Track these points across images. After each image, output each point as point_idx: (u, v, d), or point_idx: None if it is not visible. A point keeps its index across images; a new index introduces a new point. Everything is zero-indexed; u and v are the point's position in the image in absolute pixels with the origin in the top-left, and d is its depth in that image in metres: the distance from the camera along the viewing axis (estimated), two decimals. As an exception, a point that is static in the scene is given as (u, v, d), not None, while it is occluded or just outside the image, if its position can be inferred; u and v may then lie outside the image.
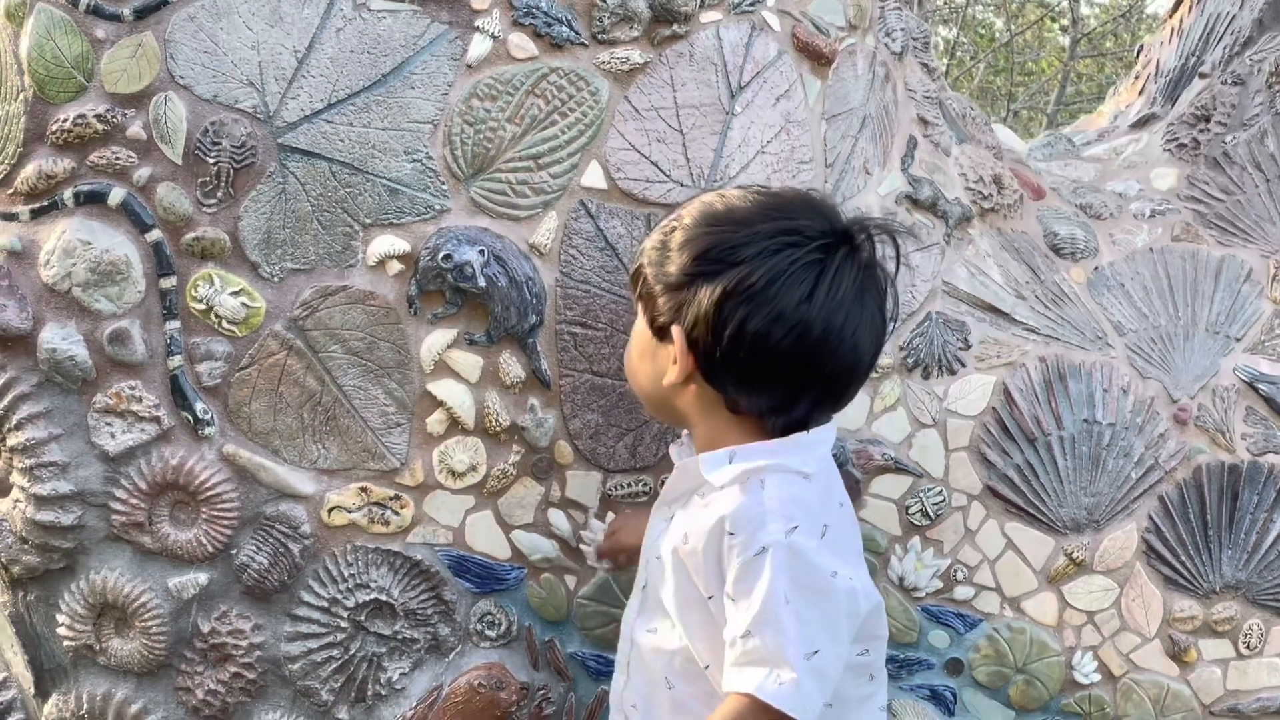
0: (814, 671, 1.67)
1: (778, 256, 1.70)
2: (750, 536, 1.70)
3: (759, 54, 2.15)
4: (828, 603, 1.70)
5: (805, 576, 1.68)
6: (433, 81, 2.06)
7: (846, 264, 1.74)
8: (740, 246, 1.71)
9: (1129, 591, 2.37)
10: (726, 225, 1.75)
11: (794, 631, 1.66)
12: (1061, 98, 11.43)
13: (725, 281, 1.71)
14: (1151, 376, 2.38)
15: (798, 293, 1.70)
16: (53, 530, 2.15)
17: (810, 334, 1.71)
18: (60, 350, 2.09)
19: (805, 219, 1.75)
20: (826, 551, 1.71)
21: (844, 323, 1.72)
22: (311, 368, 2.10)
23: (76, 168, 2.07)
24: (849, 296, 1.73)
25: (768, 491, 1.73)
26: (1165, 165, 2.64)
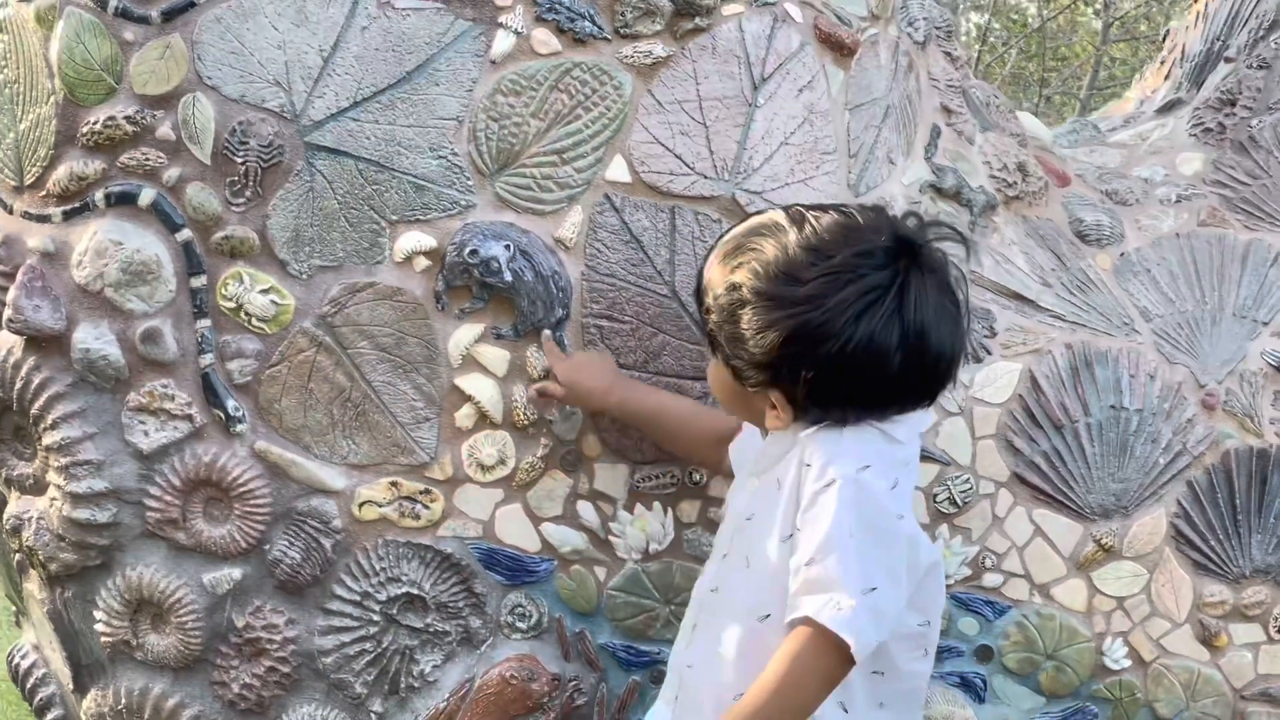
0: (871, 607, 1.67)
1: (863, 320, 1.72)
2: (822, 469, 1.72)
3: (781, 46, 2.16)
4: (891, 542, 1.71)
5: (871, 513, 1.69)
6: (457, 78, 2.08)
7: (920, 287, 1.76)
8: (824, 324, 1.72)
9: (1158, 577, 2.37)
10: (800, 306, 1.74)
11: (855, 563, 1.67)
12: (1094, 82, 11.39)
13: (822, 357, 1.73)
14: (1179, 362, 2.38)
15: (893, 338, 1.73)
16: (89, 528, 2.18)
17: (911, 365, 1.75)
18: (94, 350, 2.12)
19: (868, 269, 1.75)
20: (896, 498, 1.74)
21: (938, 338, 1.77)
22: (341, 364, 2.12)
23: (107, 169, 2.10)
24: (932, 314, 1.76)
25: (845, 434, 1.76)
26: (1191, 150, 2.64)
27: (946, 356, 1.79)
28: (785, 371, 1.76)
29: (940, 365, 1.79)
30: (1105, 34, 11.35)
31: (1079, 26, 12.82)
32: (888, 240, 1.77)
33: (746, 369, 1.80)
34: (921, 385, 1.80)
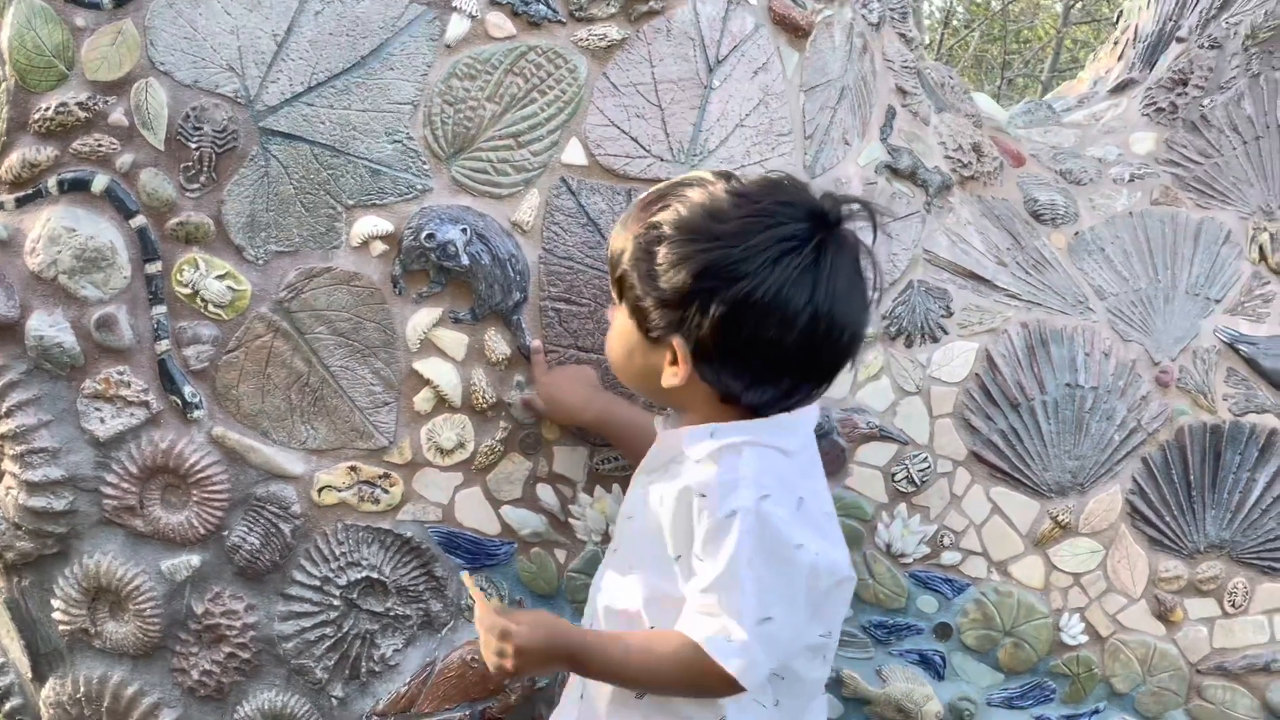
0: (765, 637, 1.70)
1: (779, 266, 1.72)
2: (721, 500, 1.72)
3: (736, 28, 2.16)
4: (790, 572, 1.72)
5: (770, 543, 1.70)
6: (412, 62, 2.07)
7: (836, 254, 1.76)
8: (740, 262, 1.72)
9: (1114, 553, 2.39)
10: (720, 240, 1.75)
11: (751, 594, 1.69)
12: (1056, 65, 11.42)
13: (732, 297, 1.72)
14: (1133, 340, 2.40)
15: (803, 296, 1.73)
16: (45, 516, 2.17)
17: (817, 330, 1.74)
18: (48, 337, 2.11)
19: (790, 219, 1.76)
20: (798, 523, 1.73)
21: (846, 311, 1.77)
22: (298, 349, 2.12)
23: (60, 156, 2.08)
24: (844, 285, 1.77)
25: (744, 460, 1.75)
26: (1144, 130, 2.65)
27: (850, 332, 1.79)
28: (693, 311, 1.75)
29: (844, 339, 1.79)
30: (1065, 16, 11.38)
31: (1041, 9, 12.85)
32: (811, 204, 1.80)
33: (654, 310, 1.79)
34: (821, 358, 1.79)
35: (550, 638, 1.83)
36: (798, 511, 1.74)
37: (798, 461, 1.81)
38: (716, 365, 1.77)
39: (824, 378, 1.83)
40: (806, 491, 1.79)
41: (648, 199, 1.86)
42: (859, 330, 1.81)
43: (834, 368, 1.82)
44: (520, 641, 1.80)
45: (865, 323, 1.83)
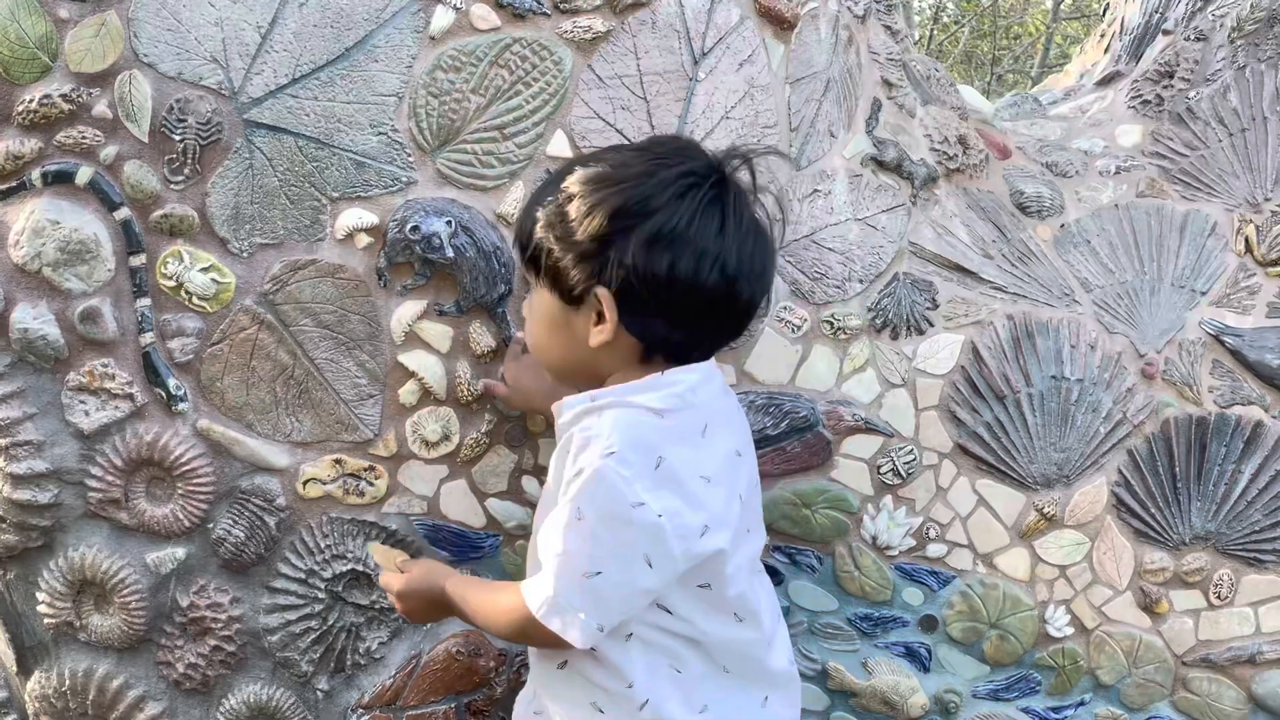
0: (589, 590, 1.75)
1: (686, 199, 1.76)
2: (573, 459, 1.76)
3: (721, 20, 2.16)
4: (625, 530, 1.73)
5: (606, 500, 1.71)
6: (396, 54, 2.07)
7: (737, 194, 1.82)
8: (650, 197, 1.76)
9: (1100, 545, 2.39)
10: (628, 181, 1.78)
11: (576, 549, 1.74)
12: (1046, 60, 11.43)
13: (647, 231, 1.75)
14: (1119, 332, 2.39)
15: (713, 227, 1.77)
16: (30, 508, 2.16)
17: (729, 264, 1.78)
18: (32, 330, 2.10)
19: (691, 161, 1.81)
20: (646, 482, 1.73)
21: (753, 249, 1.81)
22: (283, 342, 2.12)
23: (43, 148, 2.08)
24: (750, 223, 1.82)
25: (602, 419, 1.77)
26: (1130, 122, 2.65)
27: (761, 268, 1.83)
28: (612, 254, 1.76)
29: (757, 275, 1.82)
30: (1055, 12, 11.39)
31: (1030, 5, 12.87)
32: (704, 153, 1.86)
33: (573, 267, 1.80)
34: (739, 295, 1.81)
35: (422, 582, 2.01)
36: (654, 471, 1.74)
37: (672, 421, 1.80)
38: (638, 308, 1.79)
39: (742, 321, 1.88)
40: (677, 453, 1.78)
41: (546, 180, 1.93)
42: (768, 270, 1.86)
43: (751, 308, 1.86)
44: (399, 587, 2.02)
45: (773, 265, 1.89)
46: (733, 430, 1.92)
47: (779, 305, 2.22)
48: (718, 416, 1.88)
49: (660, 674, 1.87)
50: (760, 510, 2.03)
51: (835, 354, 2.26)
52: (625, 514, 1.72)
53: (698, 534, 1.78)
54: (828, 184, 2.26)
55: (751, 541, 1.96)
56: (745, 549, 1.92)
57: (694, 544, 1.77)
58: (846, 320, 2.26)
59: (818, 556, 2.32)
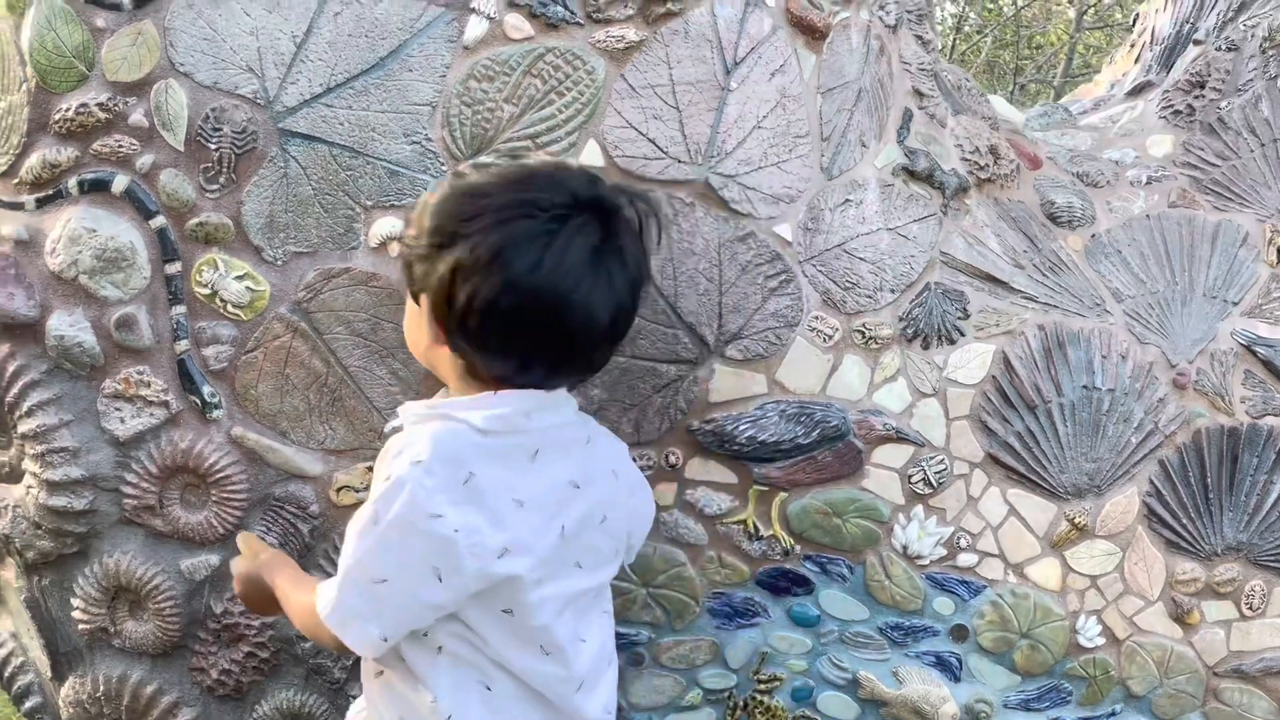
0: (374, 597, 1.73)
1: (506, 228, 1.70)
2: (389, 462, 1.74)
3: (754, 29, 2.16)
4: (417, 540, 1.70)
5: (403, 508, 1.69)
6: (430, 64, 2.08)
7: (583, 233, 1.73)
8: (471, 219, 1.72)
9: (1131, 555, 2.39)
10: (464, 198, 1.76)
11: (366, 554, 1.73)
12: (1069, 70, 11.42)
13: (457, 253, 1.71)
14: (1150, 342, 2.39)
15: (525, 262, 1.69)
16: (66, 515, 2.18)
17: (539, 301, 1.71)
18: (68, 337, 2.12)
19: (544, 191, 1.74)
20: (450, 496, 1.70)
21: (573, 289, 1.71)
22: (317, 349, 2.13)
23: (80, 156, 2.10)
24: (580, 264, 1.72)
25: (419, 430, 1.76)
26: (1161, 132, 2.65)
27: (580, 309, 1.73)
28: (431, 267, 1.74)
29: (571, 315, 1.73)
30: (1079, 22, 11.37)
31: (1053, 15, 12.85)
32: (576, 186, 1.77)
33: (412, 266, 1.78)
34: (548, 333, 1.75)
35: (261, 570, 2.00)
36: (461, 485, 1.71)
37: (496, 441, 1.76)
38: (452, 331, 1.76)
39: (565, 358, 1.79)
40: (490, 472, 1.74)
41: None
42: (596, 312, 1.75)
43: (572, 348, 1.78)
44: (240, 570, 2.04)
45: (608, 306, 1.75)
46: (575, 462, 1.85)
47: (810, 315, 2.23)
48: (556, 446, 1.82)
49: (468, 690, 1.82)
50: (612, 550, 1.94)
51: (866, 363, 2.26)
52: (420, 524, 1.69)
53: (495, 554, 1.73)
54: (859, 193, 2.26)
55: (581, 579, 1.87)
56: (566, 583, 1.84)
57: (489, 564, 1.73)
58: (878, 330, 2.26)
59: (849, 565, 2.32)
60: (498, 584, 1.75)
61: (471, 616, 1.78)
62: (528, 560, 1.76)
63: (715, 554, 2.28)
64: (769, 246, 2.19)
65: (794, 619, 2.34)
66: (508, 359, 1.76)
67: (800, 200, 2.21)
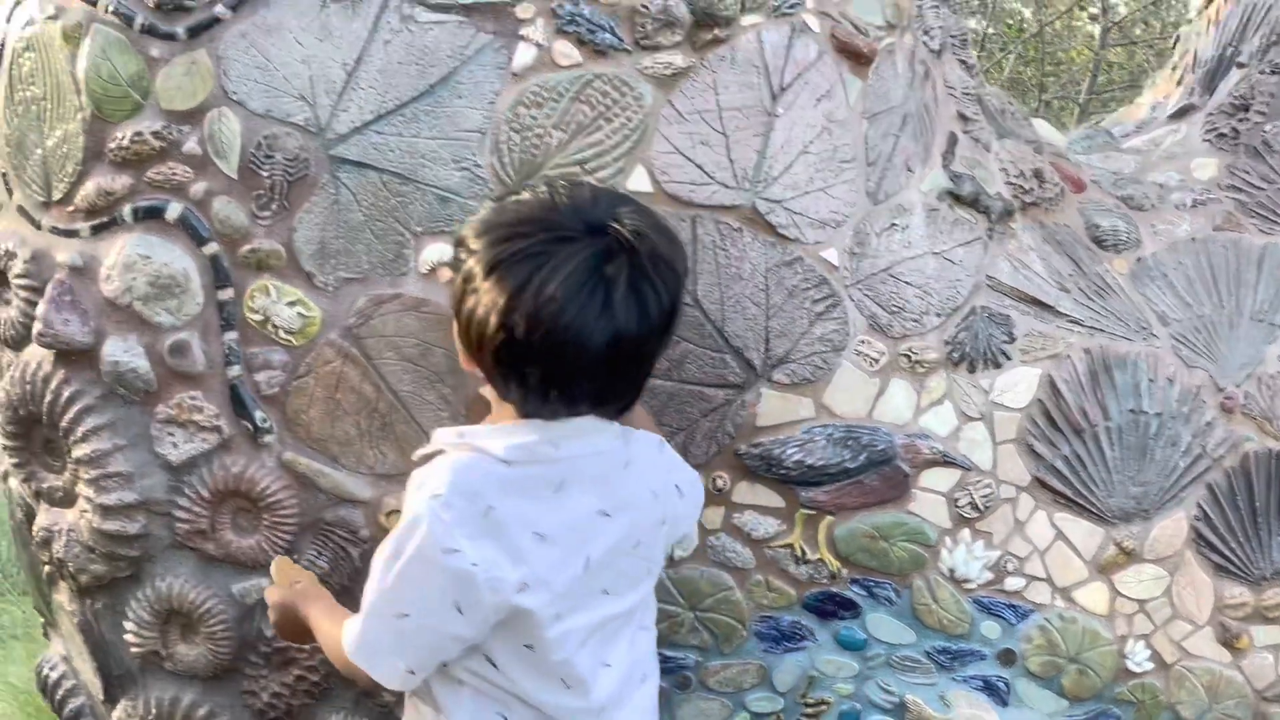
0: (397, 632, 1.76)
1: (505, 245, 1.72)
2: (408, 503, 1.76)
3: (800, 55, 2.17)
4: (436, 575, 1.71)
5: (422, 543, 1.71)
6: (480, 90, 2.09)
7: (581, 257, 1.71)
8: (479, 237, 1.75)
9: (1179, 579, 2.38)
10: (487, 217, 1.79)
11: (389, 589, 1.75)
12: (1093, 87, 11.39)
13: (463, 271, 1.76)
14: (1197, 366, 2.39)
15: (515, 280, 1.69)
16: (119, 539, 2.20)
17: (526, 319, 1.69)
18: (123, 363, 2.14)
19: (560, 215, 1.75)
20: (467, 530, 1.71)
21: (561, 311, 1.69)
22: (367, 375, 2.14)
23: (135, 184, 2.12)
24: (572, 287, 1.69)
25: (441, 461, 1.77)
26: (1205, 155, 2.65)
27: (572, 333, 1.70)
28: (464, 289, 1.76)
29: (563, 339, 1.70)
30: (1103, 39, 11.36)
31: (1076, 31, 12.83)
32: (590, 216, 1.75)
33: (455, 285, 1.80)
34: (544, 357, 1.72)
35: (295, 600, 2.03)
36: (480, 519, 1.72)
37: (519, 472, 1.76)
38: (469, 348, 1.79)
39: (564, 383, 1.76)
40: (511, 504, 1.74)
41: None
42: (590, 338, 1.71)
43: (565, 373, 1.75)
44: (274, 599, 2.06)
45: (595, 331, 1.71)
46: (606, 490, 1.84)
47: (857, 339, 2.23)
48: (584, 475, 1.81)
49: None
50: (644, 570, 1.93)
51: (913, 387, 2.27)
52: (437, 559, 1.70)
53: (514, 589, 1.73)
54: (905, 218, 2.27)
55: (609, 605, 1.86)
56: (591, 613, 1.83)
57: (509, 597, 1.73)
58: (924, 354, 2.26)
59: (895, 589, 2.32)
60: (517, 618, 1.76)
61: (493, 649, 1.80)
62: (544, 596, 1.76)
63: (762, 577, 2.28)
64: (815, 271, 2.20)
65: (841, 643, 2.34)
66: (507, 379, 1.77)
67: (846, 225, 2.22)
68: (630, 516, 1.86)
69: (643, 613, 1.96)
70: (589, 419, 1.81)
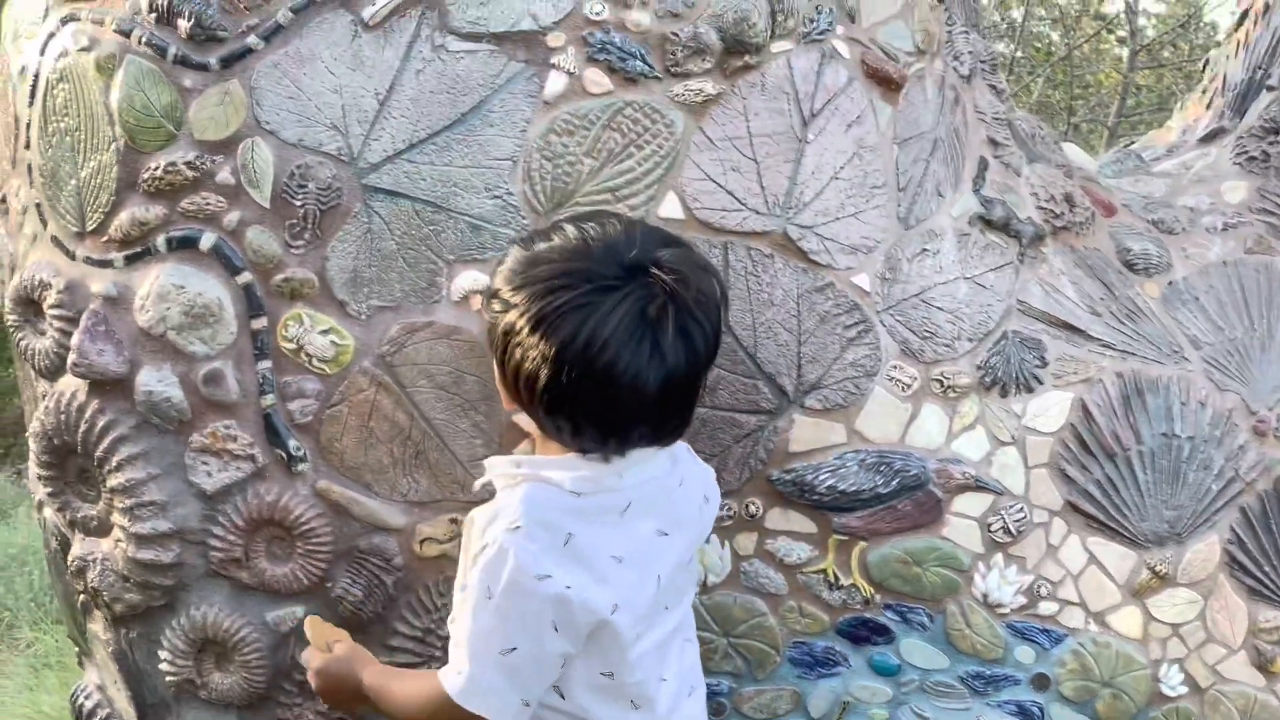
0: (506, 668, 1.76)
1: (549, 298, 1.73)
2: (481, 533, 1.77)
3: (830, 81, 2.18)
4: (530, 602, 1.74)
5: (513, 574, 1.72)
6: (511, 119, 2.10)
7: (627, 302, 1.73)
8: (521, 289, 1.76)
9: (1213, 603, 2.38)
10: (520, 266, 1.79)
11: (488, 628, 1.75)
12: (1122, 109, 11.40)
13: (504, 324, 1.77)
14: (1229, 389, 2.39)
15: (564, 333, 1.71)
16: (153, 568, 2.20)
17: (580, 372, 1.72)
18: (157, 392, 2.14)
19: (595, 261, 1.76)
20: (553, 557, 1.74)
21: (615, 359, 1.71)
22: (400, 403, 2.14)
23: (168, 214, 2.12)
24: (623, 333, 1.72)
25: (514, 493, 1.79)
26: (1236, 178, 2.65)
27: (629, 376, 1.73)
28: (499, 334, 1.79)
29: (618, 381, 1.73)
30: (1132, 62, 11.36)
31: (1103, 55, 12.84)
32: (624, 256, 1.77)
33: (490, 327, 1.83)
34: (593, 399, 1.75)
35: (341, 666, 2.03)
36: (562, 547, 1.75)
37: (588, 502, 1.80)
38: (509, 390, 1.82)
39: (617, 425, 1.79)
40: (587, 531, 1.78)
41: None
42: (644, 379, 1.74)
43: (621, 414, 1.77)
44: (317, 664, 2.05)
45: (649, 374, 1.74)
46: (659, 513, 1.87)
47: (889, 364, 2.23)
48: (645, 499, 1.85)
49: None
50: (689, 581, 2.01)
51: (945, 412, 2.27)
52: (530, 586, 1.73)
53: (607, 610, 1.78)
54: (936, 243, 2.27)
55: (668, 619, 1.92)
56: (658, 630, 1.89)
57: (604, 616, 1.78)
58: (956, 378, 2.26)
59: (929, 614, 2.31)
60: (601, 642, 1.79)
61: (565, 680, 1.82)
62: (629, 617, 1.80)
63: (796, 603, 2.28)
64: (847, 296, 2.20)
65: (875, 668, 2.33)
66: (560, 426, 1.80)
67: (878, 250, 2.22)
68: (685, 533, 1.92)
69: (687, 624, 2.01)
70: (643, 450, 1.84)
